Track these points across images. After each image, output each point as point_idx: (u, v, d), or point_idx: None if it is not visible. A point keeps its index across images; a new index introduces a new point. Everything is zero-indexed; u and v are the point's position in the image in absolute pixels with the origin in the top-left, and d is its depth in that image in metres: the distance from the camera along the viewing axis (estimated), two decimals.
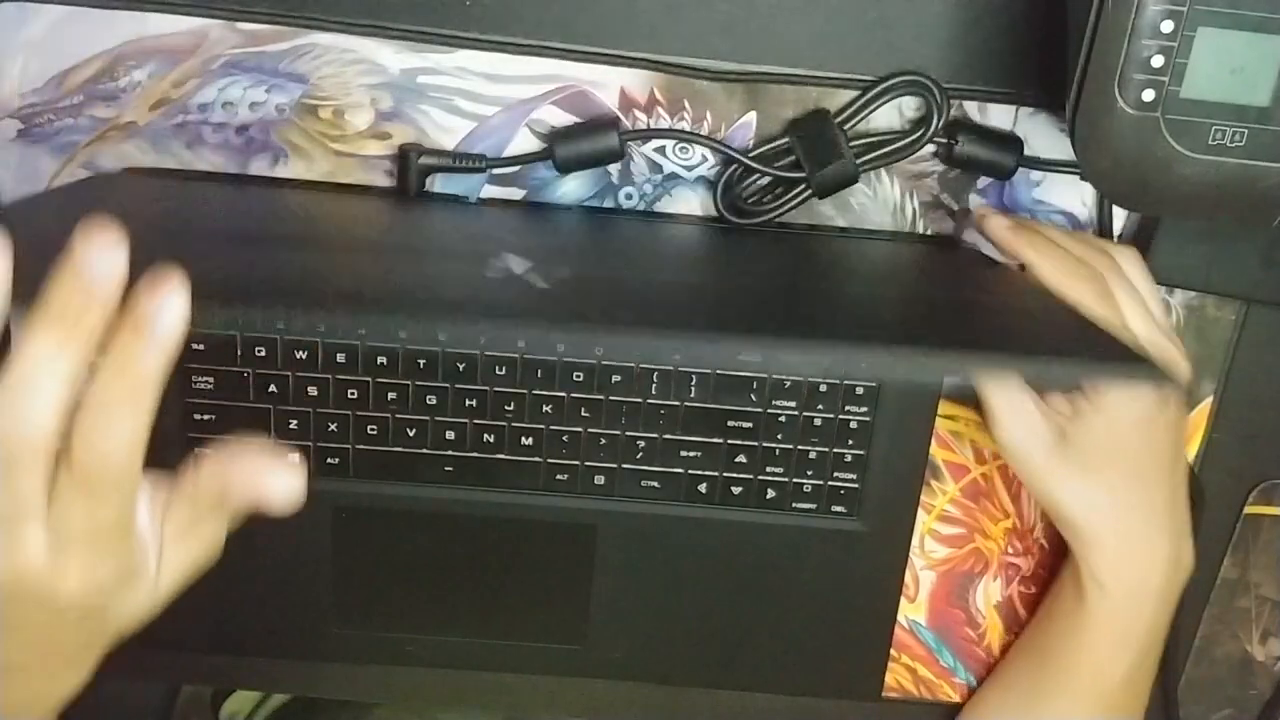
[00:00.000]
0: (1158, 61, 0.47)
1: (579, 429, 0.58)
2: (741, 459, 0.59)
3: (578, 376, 0.57)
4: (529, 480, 0.59)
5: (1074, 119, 0.50)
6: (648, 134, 0.58)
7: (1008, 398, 0.53)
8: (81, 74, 0.57)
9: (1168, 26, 0.47)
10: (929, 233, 0.61)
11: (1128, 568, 0.55)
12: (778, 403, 0.58)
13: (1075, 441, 0.53)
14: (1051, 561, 0.64)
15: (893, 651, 0.64)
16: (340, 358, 0.57)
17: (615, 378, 0.57)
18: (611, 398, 0.57)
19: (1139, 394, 0.52)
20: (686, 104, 0.58)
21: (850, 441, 0.59)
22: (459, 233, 0.56)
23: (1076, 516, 0.54)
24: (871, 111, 0.58)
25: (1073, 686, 0.57)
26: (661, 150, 0.59)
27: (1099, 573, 0.55)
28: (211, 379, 0.57)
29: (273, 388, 0.57)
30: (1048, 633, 0.59)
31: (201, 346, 0.57)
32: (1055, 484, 0.53)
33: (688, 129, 0.58)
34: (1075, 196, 0.60)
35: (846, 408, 0.58)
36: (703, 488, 0.59)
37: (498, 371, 0.57)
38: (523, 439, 0.58)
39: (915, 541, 0.63)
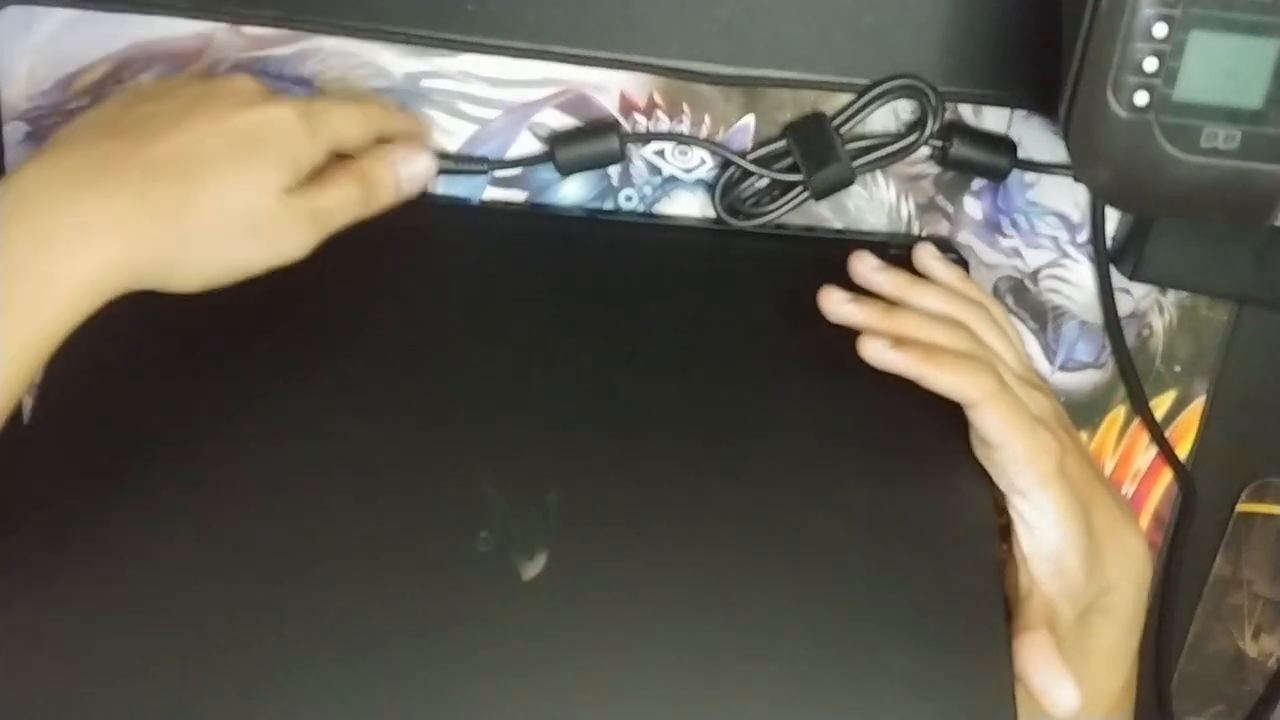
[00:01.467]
0: (1151, 64, 0.48)
1: None
2: None
3: None
4: None
5: (1067, 122, 0.50)
6: (647, 137, 0.59)
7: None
8: (88, 77, 0.57)
9: (1160, 30, 0.47)
10: (924, 234, 0.61)
11: (1129, 594, 0.54)
12: None
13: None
14: None
15: None
16: None
17: None
18: None
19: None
20: (685, 107, 0.59)
21: None
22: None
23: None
24: (867, 114, 0.58)
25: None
26: (661, 153, 0.60)
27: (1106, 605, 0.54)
28: None
29: None
30: None
31: None
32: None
33: (686, 132, 0.59)
34: (1069, 198, 0.61)
35: None
36: None
37: None
38: None
39: None
